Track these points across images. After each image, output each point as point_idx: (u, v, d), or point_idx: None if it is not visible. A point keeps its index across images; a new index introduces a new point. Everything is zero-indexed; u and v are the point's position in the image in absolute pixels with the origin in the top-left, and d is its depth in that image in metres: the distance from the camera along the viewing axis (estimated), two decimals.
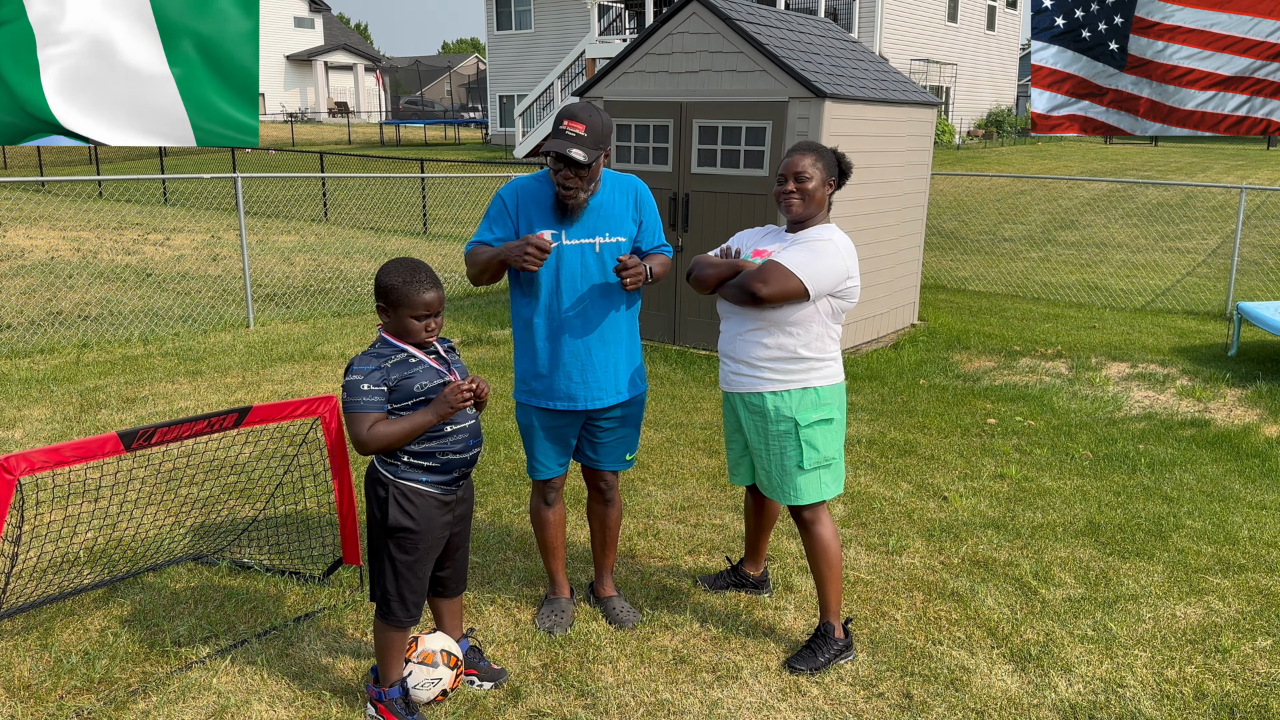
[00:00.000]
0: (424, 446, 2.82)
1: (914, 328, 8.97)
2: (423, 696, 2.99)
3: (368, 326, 8.89)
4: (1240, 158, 27.07)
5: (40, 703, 3.10)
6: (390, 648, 2.95)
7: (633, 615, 3.68)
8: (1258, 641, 3.62)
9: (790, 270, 3.11)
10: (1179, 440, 6.05)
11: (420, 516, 2.85)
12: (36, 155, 27.61)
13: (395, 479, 2.83)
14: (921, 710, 3.15)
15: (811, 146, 3.28)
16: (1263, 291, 10.86)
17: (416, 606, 2.94)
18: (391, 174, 15.47)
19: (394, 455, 2.83)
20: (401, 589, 2.89)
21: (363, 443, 2.74)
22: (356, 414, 2.73)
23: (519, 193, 3.28)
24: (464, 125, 44.37)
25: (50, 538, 4.29)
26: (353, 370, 2.76)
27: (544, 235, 3.22)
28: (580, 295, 3.29)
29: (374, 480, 2.87)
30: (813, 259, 3.14)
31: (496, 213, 3.28)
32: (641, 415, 3.58)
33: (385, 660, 2.97)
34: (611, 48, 22.89)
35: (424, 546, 2.89)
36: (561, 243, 3.25)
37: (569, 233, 3.25)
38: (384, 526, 2.86)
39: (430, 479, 2.86)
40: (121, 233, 14.93)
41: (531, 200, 3.27)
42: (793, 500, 3.34)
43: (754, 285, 3.11)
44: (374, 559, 2.93)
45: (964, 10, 31.27)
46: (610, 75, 7.95)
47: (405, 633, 2.96)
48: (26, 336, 8.06)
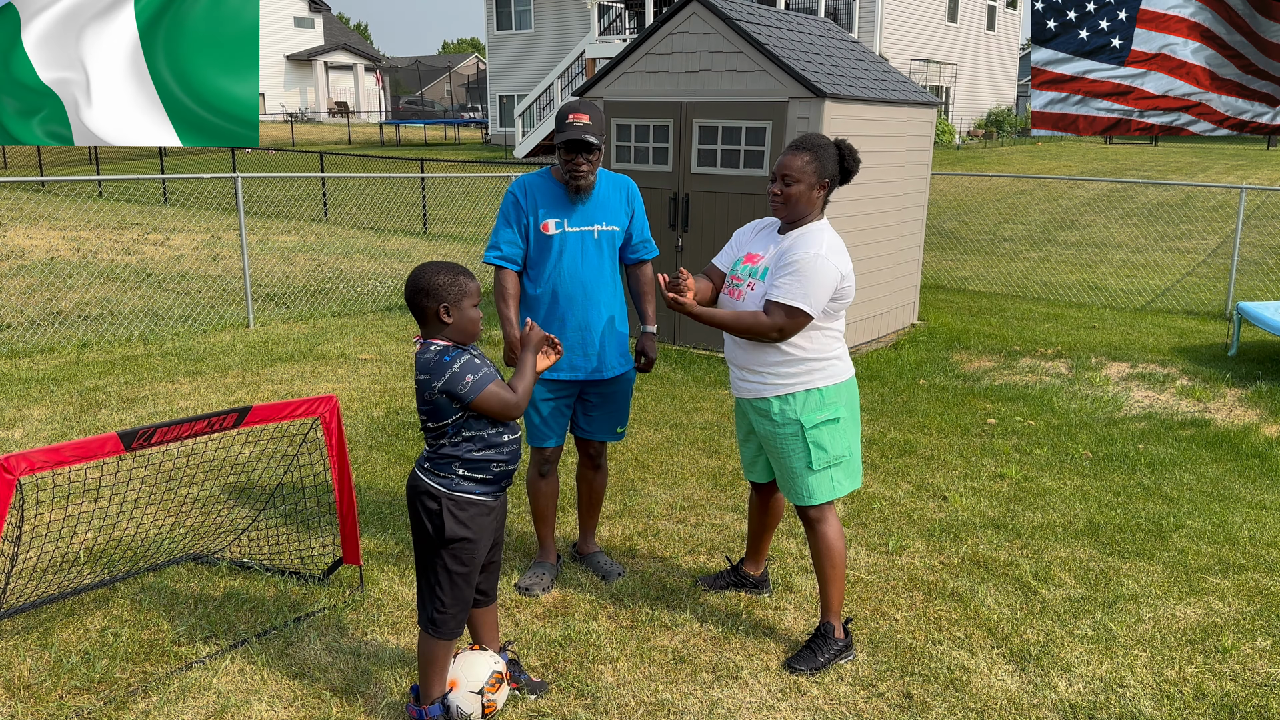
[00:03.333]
0: (480, 456, 2.82)
1: (914, 328, 8.97)
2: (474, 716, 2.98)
3: (368, 326, 8.89)
4: (1240, 158, 27.07)
5: (40, 703, 3.10)
6: (437, 663, 2.92)
7: (615, 567, 4.05)
8: (1258, 641, 3.62)
9: (791, 305, 3.15)
10: (1179, 440, 6.05)
11: (475, 525, 2.84)
12: (36, 155, 27.61)
13: (449, 491, 2.81)
14: (921, 710, 3.15)
15: (810, 145, 3.23)
16: (1263, 291, 10.86)
17: (467, 616, 2.93)
18: (391, 174, 15.47)
19: (446, 468, 2.81)
20: (457, 601, 2.87)
21: (517, 404, 2.80)
22: (492, 384, 2.76)
23: (527, 187, 3.71)
24: (464, 125, 44.38)
25: (50, 538, 4.29)
26: (453, 358, 2.72)
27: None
28: (580, 276, 3.70)
29: (422, 494, 2.82)
30: (805, 282, 3.14)
31: (510, 206, 3.71)
32: (630, 392, 3.95)
33: (431, 676, 2.93)
34: (611, 48, 22.90)
35: (479, 556, 2.88)
36: (565, 230, 3.68)
37: (570, 221, 3.69)
38: (440, 539, 2.82)
39: (481, 490, 2.85)
40: (121, 233, 14.93)
41: (539, 192, 3.70)
42: (806, 501, 3.34)
43: (770, 334, 3.19)
44: (425, 575, 2.87)
45: (964, 10, 31.27)
46: (610, 75, 7.95)
47: (452, 646, 2.93)
48: (26, 336, 8.06)
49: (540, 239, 3.67)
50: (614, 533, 4.48)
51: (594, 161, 3.60)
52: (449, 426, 2.79)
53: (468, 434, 2.81)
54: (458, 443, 2.81)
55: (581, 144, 3.54)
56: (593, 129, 3.54)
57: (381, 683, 3.23)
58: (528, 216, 3.68)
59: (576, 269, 3.69)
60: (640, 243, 3.87)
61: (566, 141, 3.53)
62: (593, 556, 4.11)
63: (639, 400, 6.66)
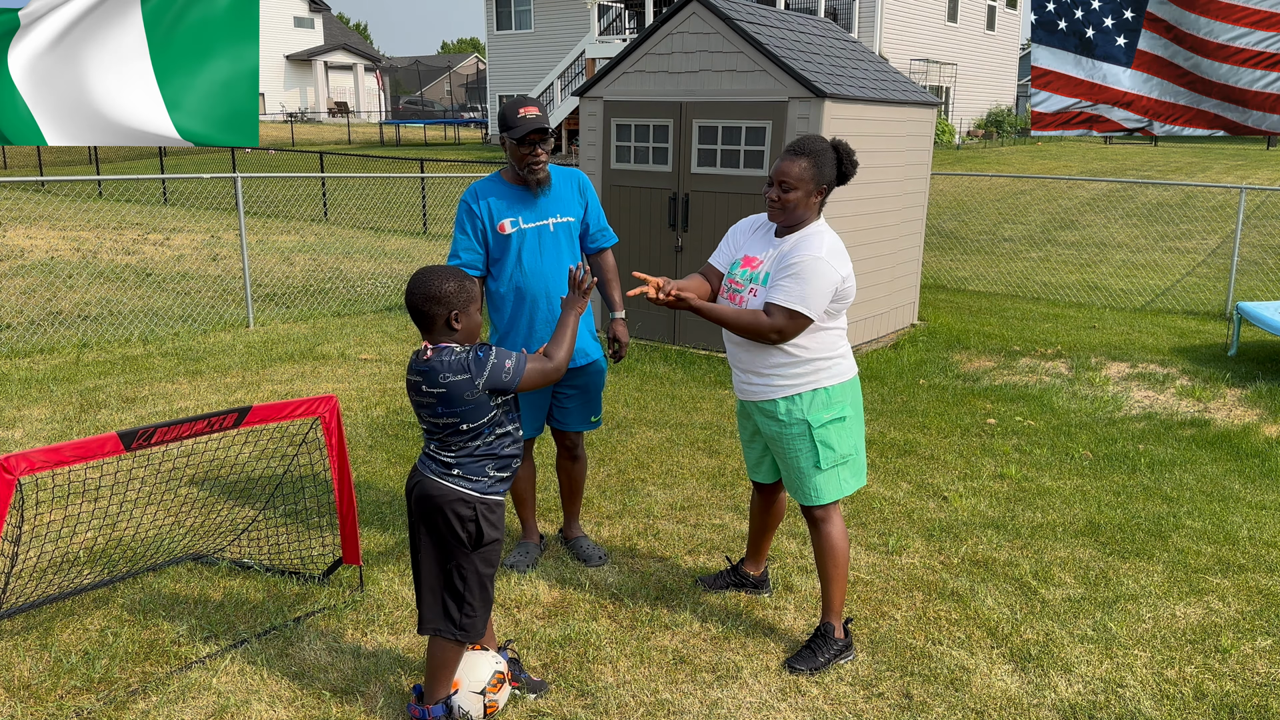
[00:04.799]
0: (510, 451, 2.84)
1: (914, 328, 8.97)
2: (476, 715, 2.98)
3: (368, 326, 8.89)
4: (1240, 158, 27.07)
5: (40, 703, 3.10)
6: (450, 666, 2.91)
7: (598, 550, 4.16)
8: (1258, 641, 3.62)
9: (791, 309, 3.14)
10: (1179, 440, 6.05)
11: (501, 524, 2.88)
12: (36, 155, 27.61)
13: (483, 495, 2.81)
14: (921, 710, 3.15)
15: (808, 149, 3.21)
16: (1263, 291, 10.86)
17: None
18: (391, 174, 15.47)
19: (480, 470, 2.80)
20: (485, 603, 2.87)
21: (557, 368, 2.83)
22: (530, 362, 2.78)
23: (479, 192, 3.79)
24: (464, 125, 44.36)
25: (50, 538, 4.29)
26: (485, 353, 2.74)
27: (504, 224, 3.75)
28: (541, 270, 3.78)
29: (455, 501, 2.78)
30: (805, 285, 3.14)
31: (464, 214, 3.78)
32: (602, 381, 4.03)
33: (443, 679, 2.92)
34: (611, 48, 22.90)
35: (501, 553, 2.90)
36: (521, 227, 3.75)
37: (525, 217, 3.77)
38: (476, 544, 2.81)
39: (503, 487, 2.88)
40: (121, 233, 14.93)
41: (491, 196, 3.78)
42: (813, 500, 3.34)
43: (770, 336, 3.18)
44: (455, 582, 2.84)
45: (964, 10, 31.27)
46: (610, 75, 7.95)
47: (466, 648, 2.94)
48: (26, 336, 8.06)
49: (498, 239, 3.75)
50: (614, 533, 4.48)
51: (548, 152, 3.71)
52: (485, 426, 2.77)
53: (500, 431, 2.81)
54: (491, 441, 2.80)
55: (541, 130, 3.61)
56: (543, 119, 3.64)
57: (381, 683, 3.23)
58: (481, 221, 3.75)
59: (537, 264, 3.75)
60: (598, 231, 3.95)
61: (526, 133, 3.59)
62: (576, 541, 4.23)
63: (639, 400, 6.66)
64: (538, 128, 3.60)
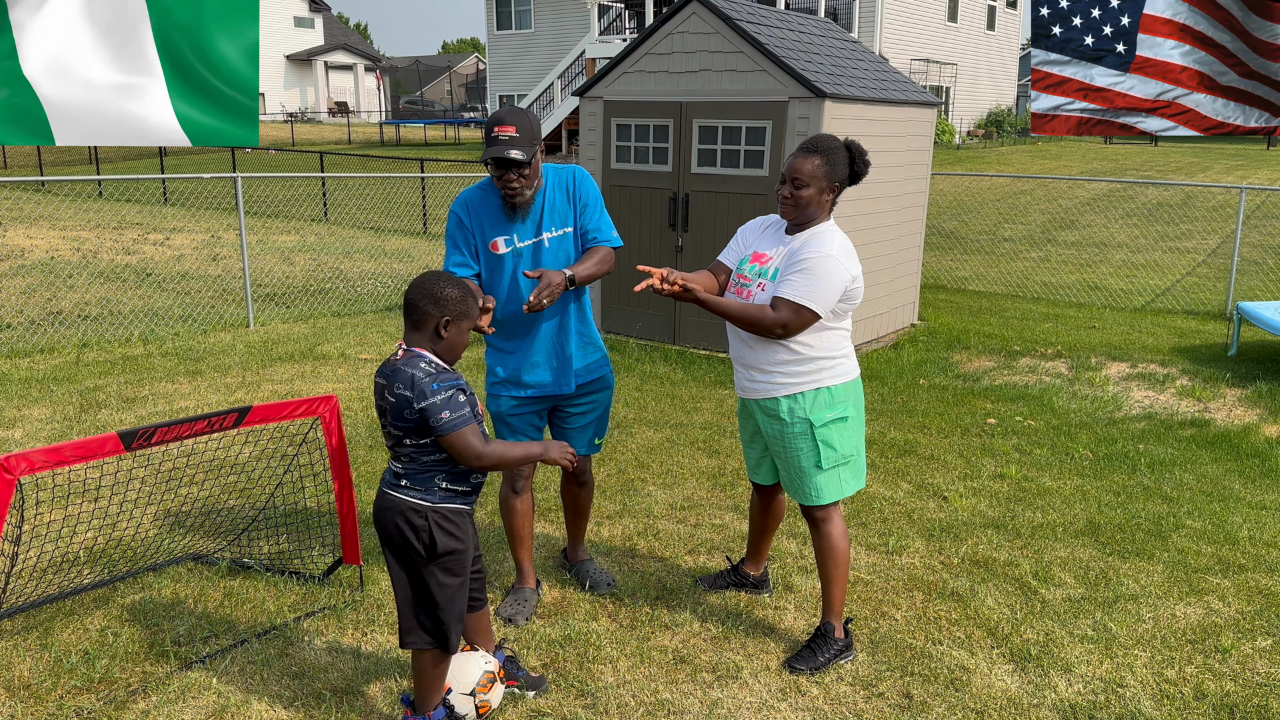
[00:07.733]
0: (463, 468, 2.75)
1: (914, 328, 8.97)
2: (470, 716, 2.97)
3: (368, 326, 8.89)
4: (1240, 158, 27.07)
5: (40, 703, 3.10)
6: (439, 675, 2.88)
7: (606, 576, 3.94)
8: (1258, 641, 3.62)
9: (799, 303, 3.13)
10: (1179, 440, 6.05)
11: (462, 534, 2.78)
12: (36, 155, 27.60)
13: (434, 504, 2.73)
14: (921, 710, 3.15)
15: (821, 147, 3.20)
16: (1263, 291, 10.86)
17: (463, 626, 2.89)
18: (391, 174, 15.48)
19: (428, 481, 2.73)
20: (457, 613, 2.83)
21: (482, 455, 2.66)
22: (468, 428, 2.63)
23: (469, 204, 3.49)
24: (464, 125, 44.36)
25: (50, 538, 4.29)
26: (441, 386, 2.61)
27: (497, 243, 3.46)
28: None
29: (406, 510, 2.73)
30: (815, 281, 3.14)
31: (455, 228, 3.49)
32: (609, 402, 3.77)
33: (432, 688, 2.89)
34: (611, 48, 22.90)
35: (468, 564, 2.83)
36: (516, 245, 3.47)
37: (520, 235, 3.47)
38: (431, 555, 2.75)
39: (462, 500, 2.79)
40: (121, 232, 14.93)
41: (481, 209, 3.48)
42: (813, 500, 3.34)
43: (774, 329, 3.17)
44: (419, 594, 2.80)
45: (964, 10, 31.27)
46: (610, 75, 7.95)
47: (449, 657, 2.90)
48: (26, 336, 8.06)
49: (490, 259, 3.47)
50: (614, 533, 4.48)
51: (528, 176, 3.33)
52: (431, 445, 2.69)
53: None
54: (444, 457, 2.72)
55: (506, 161, 3.25)
56: (520, 141, 3.24)
57: (381, 683, 3.23)
58: (473, 235, 3.48)
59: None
60: (594, 231, 3.54)
61: (490, 159, 3.26)
62: (582, 566, 4.01)
63: (639, 400, 6.66)
64: (501, 157, 3.22)
